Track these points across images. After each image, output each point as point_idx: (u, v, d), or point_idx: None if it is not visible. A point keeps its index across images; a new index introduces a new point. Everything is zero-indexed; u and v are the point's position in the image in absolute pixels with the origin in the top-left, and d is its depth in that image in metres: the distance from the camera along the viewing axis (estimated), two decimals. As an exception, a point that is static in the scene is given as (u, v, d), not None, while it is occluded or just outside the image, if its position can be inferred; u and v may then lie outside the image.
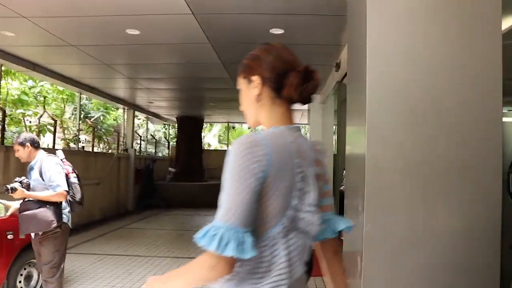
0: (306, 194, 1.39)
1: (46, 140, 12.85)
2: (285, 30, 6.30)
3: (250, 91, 1.52)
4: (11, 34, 7.14)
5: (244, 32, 6.52)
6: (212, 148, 28.34)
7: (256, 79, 1.51)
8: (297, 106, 1.54)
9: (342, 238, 4.09)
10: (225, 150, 17.19)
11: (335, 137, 11.28)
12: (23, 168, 8.41)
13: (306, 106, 13.83)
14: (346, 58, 6.46)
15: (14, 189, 4.07)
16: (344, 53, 6.86)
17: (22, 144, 4.35)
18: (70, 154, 10.92)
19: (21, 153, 4.33)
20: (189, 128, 17.76)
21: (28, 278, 5.16)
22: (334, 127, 11.39)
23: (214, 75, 9.84)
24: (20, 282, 5.00)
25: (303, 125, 26.62)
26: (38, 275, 5.26)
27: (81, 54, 8.11)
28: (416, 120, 2.80)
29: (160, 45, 7.45)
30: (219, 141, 32.57)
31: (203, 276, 1.32)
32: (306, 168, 1.40)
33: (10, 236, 4.74)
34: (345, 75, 7.28)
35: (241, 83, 1.57)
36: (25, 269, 5.07)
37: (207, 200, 15.48)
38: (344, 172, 8.30)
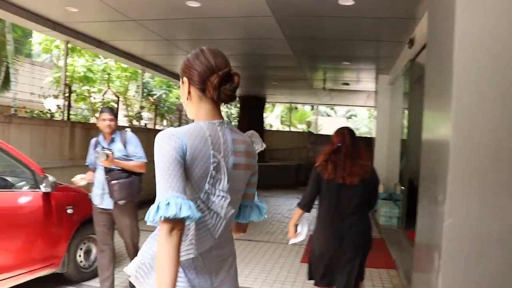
0: (218, 181, 1.65)
1: None
2: (355, 1, 5.90)
3: (183, 90, 1.76)
4: (75, 10, 7.21)
5: (310, 4, 6.18)
6: (273, 129, 28.12)
7: (185, 81, 1.75)
8: (363, 87, 1.43)
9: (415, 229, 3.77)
10: (288, 131, 17.07)
11: (404, 121, 10.72)
12: (88, 143, 8.63)
13: (373, 87, 13.28)
14: (422, 33, 5.99)
15: (107, 156, 4.14)
16: (420, 28, 6.36)
17: (116, 116, 4.60)
18: (133, 131, 11.10)
19: (113, 124, 4.48)
20: (251, 108, 17.64)
21: (88, 252, 5.22)
22: (403, 110, 10.82)
23: (277, 52, 9.56)
24: (80, 256, 5.06)
25: (369, 108, 25.79)
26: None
27: (143, 30, 8.10)
28: (510, 102, 2.42)
29: (221, 18, 7.26)
30: (281, 122, 32.34)
31: (166, 247, 1.49)
32: (221, 158, 1.65)
33: (70, 211, 4.80)
34: (419, 52, 6.82)
35: (180, 82, 1.79)
36: (84, 243, 5.13)
37: (268, 181, 15.45)
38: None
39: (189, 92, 1.76)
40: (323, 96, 16.25)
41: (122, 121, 12.24)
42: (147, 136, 11.54)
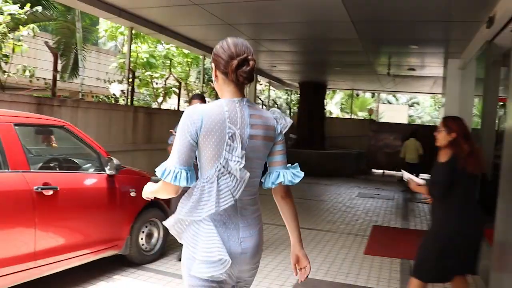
0: (234, 149, 1.96)
1: (171, 102, 13.32)
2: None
3: (213, 74, 2.12)
4: (139, -6, 7.27)
5: (379, -16, 5.87)
6: (334, 116, 27.66)
7: (213, 66, 2.11)
8: (429, 73, 1.32)
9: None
10: (349, 119, 16.66)
11: (475, 110, 10.13)
12: (150, 127, 8.88)
13: (440, 73, 12.65)
14: (504, 10, 5.54)
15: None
16: (502, 5, 5.88)
17: (205, 102, 4.87)
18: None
19: None
20: (312, 94, 17.36)
21: (149, 235, 5.27)
22: (474, 98, 10.23)
23: (342, 36, 9.25)
24: (142, 239, 5.11)
25: (433, 95, 24.75)
26: (159, 234, 5.36)
27: (204, 14, 8.06)
28: None
29: (284, 0, 7.07)
30: (341, 110, 31.78)
31: (161, 194, 2.07)
32: (236, 130, 1.97)
33: (133, 194, 4.83)
34: (499, 32, 6.32)
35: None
36: (146, 227, 5.17)
37: (328, 169, 15.21)
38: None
39: (216, 76, 2.11)
40: (386, 83, 15.70)
41: (183, 106, 12.37)
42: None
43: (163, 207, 5.35)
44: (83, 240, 4.28)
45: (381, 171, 18.25)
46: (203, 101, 4.72)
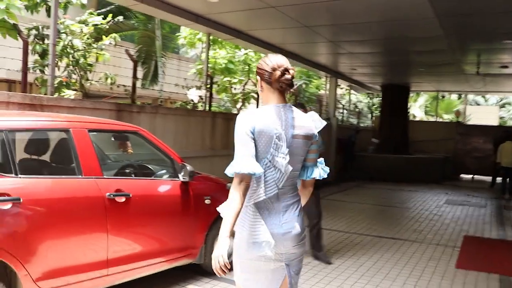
0: (280, 147, 2.33)
1: (250, 107, 13.19)
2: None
3: (258, 85, 2.50)
4: (215, 0, 7.15)
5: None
6: (417, 119, 26.36)
7: (258, 78, 2.48)
8: None
9: None
10: (433, 122, 15.77)
11: None
12: (228, 133, 8.76)
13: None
14: None
15: None
16: None
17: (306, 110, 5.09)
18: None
19: None
20: (394, 97, 16.59)
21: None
22: None
23: (426, 34, 8.63)
24: (216, 248, 4.90)
25: None
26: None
27: (281, 17, 7.81)
28: None
29: (363, -1, 6.65)
30: (426, 113, 30.18)
31: (235, 192, 2.24)
32: (282, 131, 2.33)
33: (207, 201, 4.64)
34: None
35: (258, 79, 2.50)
36: (221, 235, 4.95)
37: (412, 175, 14.39)
38: None
39: (261, 86, 2.45)
40: (475, 82, 14.57)
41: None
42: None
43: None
44: (156, 248, 4.14)
45: (470, 176, 17.06)
46: (305, 109, 4.79)
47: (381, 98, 17.87)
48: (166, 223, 4.28)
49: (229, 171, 2.28)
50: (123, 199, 3.80)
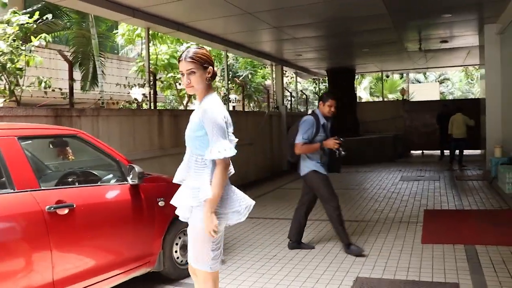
0: (230, 130, 2.81)
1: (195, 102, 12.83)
2: None
3: (205, 73, 2.75)
4: (152, -9, 6.75)
5: None
6: (364, 101, 26.76)
7: (209, 68, 2.75)
8: (463, 43, 6.51)
9: None
10: (381, 102, 15.90)
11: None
12: (177, 130, 8.41)
13: (475, 42, 11.74)
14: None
15: None
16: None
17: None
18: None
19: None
20: (341, 81, 16.62)
21: (184, 247, 4.69)
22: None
23: (369, 12, 8.56)
24: (176, 252, 4.55)
25: (467, 68, 23.39)
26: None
27: (222, 4, 7.50)
28: None
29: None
30: (371, 94, 30.76)
31: (225, 173, 2.69)
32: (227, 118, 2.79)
33: (161, 203, 4.28)
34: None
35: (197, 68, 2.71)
36: (179, 238, 4.61)
37: (365, 155, 14.44)
38: None
39: (209, 74, 2.78)
40: (417, 59, 14.79)
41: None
42: (236, 119, 11.10)
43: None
44: (110, 261, 3.75)
45: (419, 151, 17.41)
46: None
47: (327, 83, 17.86)
48: (118, 232, 3.89)
49: (219, 155, 2.62)
50: (66, 211, 3.39)
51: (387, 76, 24.47)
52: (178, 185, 4.64)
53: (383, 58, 15.01)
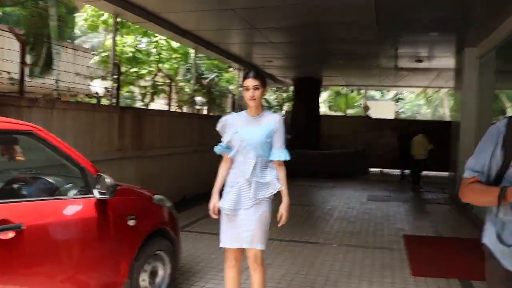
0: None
1: (158, 102, 12.01)
2: None
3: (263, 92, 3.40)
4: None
5: None
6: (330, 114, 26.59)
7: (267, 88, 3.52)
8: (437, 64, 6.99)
9: None
10: (345, 116, 15.66)
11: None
12: (140, 131, 7.60)
13: (448, 64, 11.56)
14: None
15: None
16: None
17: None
18: (186, 118, 9.82)
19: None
20: (308, 91, 16.22)
21: (154, 274, 3.90)
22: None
23: (355, 19, 8.01)
24: (144, 280, 3.73)
25: (439, 89, 23.51)
26: (165, 270, 4.00)
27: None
28: None
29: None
30: (329, 108, 30.63)
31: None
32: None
33: (131, 222, 3.48)
34: None
35: (263, 87, 3.38)
36: (149, 263, 3.79)
37: (327, 170, 14.04)
38: None
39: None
40: (388, 77, 14.57)
41: (174, 106, 11.02)
42: (201, 123, 10.43)
43: (170, 235, 4.02)
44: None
45: (378, 169, 17.21)
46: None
47: (293, 92, 17.42)
48: (78, 258, 3.04)
49: (286, 157, 3.40)
50: (11, 235, 2.52)
51: (351, 91, 24.34)
52: (150, 200, 3.91)
53: (354, 72, 14.69)
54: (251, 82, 3.33)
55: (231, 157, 3.46)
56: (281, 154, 3.41)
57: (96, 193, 3.14)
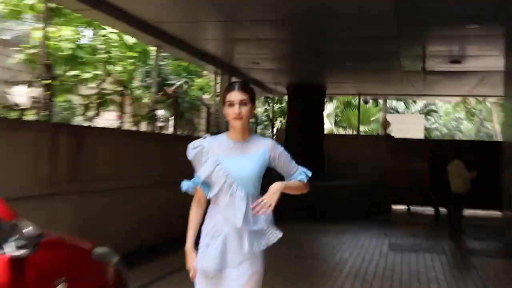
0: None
1: (107, 116, 12.02)
2: None
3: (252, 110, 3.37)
4: None
5: None
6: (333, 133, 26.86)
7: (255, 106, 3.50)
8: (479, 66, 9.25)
9: None
10: (357, 136, 15.83)
11: None
12: (80, 157, 7.57)
13: (496, 65, 11.74)
14: None
15: None
16: None
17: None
18: (143, 139, 9.79)
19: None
20: (306, 103, 16.38)
21: None
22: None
23: (369, 9, 8.20)
24: None
25: (485, 98, 23.82)
26: None
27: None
28: None
29: None
30: (335, 124, 30.98)
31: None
32: None
33: (61, 287, 3.40)
34: None
35: (251, 105, 3.36)
36: None
37: (334, 209, 14.13)
38: None
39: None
40: (413, 83, 14.80)
41: (128, 122, 11.07)
42: (164, 147, 10.39)
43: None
44: None
45: (404, 207, 17.37)
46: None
47: (287, 104, 17.60)
48: None
49: (307, 176, 3.46)
50: None
51: (366, 102, 24.62)
52: (88, 255, 3.85)
53: (368, 77, 14.97)
54: (236, 96, 3.31)
55: (210, 198, 3.42)
56: (302, 175, 3.46)
57: (9, 248, 3.02)
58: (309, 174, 3.46)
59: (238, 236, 3.31)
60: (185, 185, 3.43)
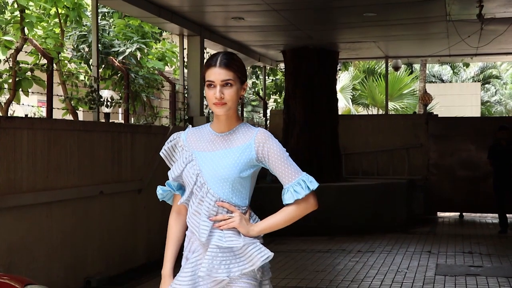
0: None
1: (27, 101, 11.95)
2: None
3: (240, 90, 3.49)
4: None
5: None
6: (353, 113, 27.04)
7: (244, 83, 3.54)
8: None
9: None
10: (383, 115, 16.12)
11: None
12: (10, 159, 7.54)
13: None
14: None
15: None
16: None
17: None
18: (84, 130, 9.77)
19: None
20: (311, 73, 16.44)
21: None
22: None
23: None
24: None
25: None
26: None
27: None
28: None
29: None
30: (353, 100, 31.11)
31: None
32: None
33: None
34: None
35: (239, 83, 3.46)
36: None
37: (354, 218, 14.23)
38: None
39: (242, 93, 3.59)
40: (464, 38, 14.81)
41: (58, 109, 11.02)
42: (115, 139, 10.37)
43: None
44: None
45: (456, 213, 17.59)
46: None
47: (283, 75, 17.64)
48: None
49: (304, 193, 3.41)
50: None
51: (396, 69, 24.59)
52: None
53: (398, 33, 15.03)
54: (218, 75, 3.39)
55: (183, 204, 3.56)
56: (297, 190, 3.42)
57: None
58: (313, 186, 3.41)
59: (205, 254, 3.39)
60: (161, 191, 3.63)
